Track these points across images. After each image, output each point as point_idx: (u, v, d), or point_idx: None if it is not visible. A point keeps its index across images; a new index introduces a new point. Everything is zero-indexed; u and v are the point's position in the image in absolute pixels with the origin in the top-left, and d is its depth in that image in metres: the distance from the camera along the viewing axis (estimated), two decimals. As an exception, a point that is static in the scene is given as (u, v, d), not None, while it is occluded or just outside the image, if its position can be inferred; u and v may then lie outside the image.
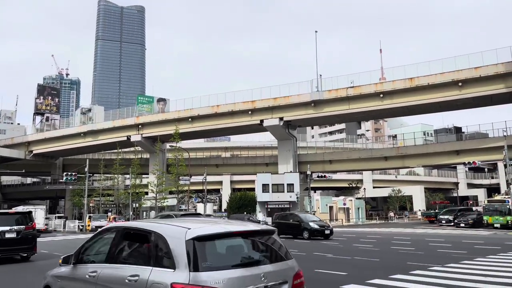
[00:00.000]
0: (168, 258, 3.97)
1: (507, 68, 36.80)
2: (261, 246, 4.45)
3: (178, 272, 3.78)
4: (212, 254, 4.01)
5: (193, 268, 3.74)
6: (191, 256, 3.81)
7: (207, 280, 3.69)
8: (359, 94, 43.66)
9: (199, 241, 3.93)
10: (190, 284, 3.66)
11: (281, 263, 4.35)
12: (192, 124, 51.70)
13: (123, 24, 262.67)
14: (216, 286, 3.68)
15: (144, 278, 4.00)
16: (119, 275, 4.34)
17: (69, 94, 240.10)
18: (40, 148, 61.99)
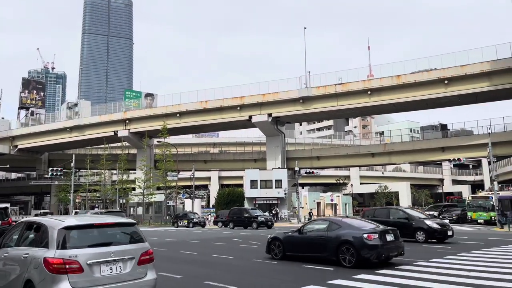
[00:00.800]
0: (47, 241, 5.88)
1: (492, 66, 37.40)
2: (116, 233, 6.51)
3: (50, 250, 5.73)
4: (75, 238, 5.92)
5: (60, 247, 5.71)
6: (60, 239, 5.78)
7: (67, 254, 5.65)
8: (347, 91, 43.95)
9: (67, 230, 5.91)
10: (55, 257, 5.61)
11: (131, 245, 6.31)
12: (180, 119, 51.46)
13: (110, 18, 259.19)
14: (72, 259, 5.63)
15: (31, 255, 5.92)
16: (19, 254, 6.24)
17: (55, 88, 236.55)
18: (25, 143, 61.06)
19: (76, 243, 5.85)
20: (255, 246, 17.66)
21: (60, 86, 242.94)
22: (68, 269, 5.56)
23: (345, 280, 9.08)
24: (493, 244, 16.77)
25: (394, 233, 11.57)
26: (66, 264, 5.56)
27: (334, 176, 73.51)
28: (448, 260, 12.14)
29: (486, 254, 13.60)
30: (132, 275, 6.06)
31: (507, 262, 11.76)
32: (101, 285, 5.74)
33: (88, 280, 5.66)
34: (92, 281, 5.68)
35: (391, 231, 11.60)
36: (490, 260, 12.21)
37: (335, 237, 11.28)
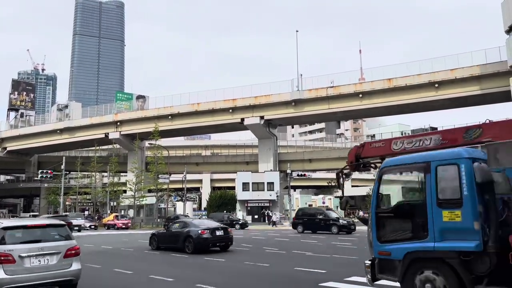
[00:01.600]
0: None
1: (481, 70, 37.84)
2: (47, 232, 8.00)
3: None
4: (11, 236, 7.47)
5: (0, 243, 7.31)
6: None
7: (3, 249, 7.18)
8: (338, 94, 44.16)
9: (5, 230, 7.48)
10: None
11: (58, 242, 7.89)
12: (172, 121, 51.26)
13: (101, 20, 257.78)
14: (7, 252, 7.15)
15: None
16: None
17: (45, 90, 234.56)
18: (14, 145, 60.34)
19: (12, 240, 7.41)
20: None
21: (51, 87, 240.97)
22: (3, 260, 7.15)
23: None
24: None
25: (224, 230, 16.48)
26: (1, 256, 7.16)
27: (326, 179, 73.54)
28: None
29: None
30: (58, 266, 7.68)
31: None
32: (30, 273, 7.32)
33: (19, 269, 7.23)
34: (22, 270, 7.26)
35: (221, 228, 16.57)
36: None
37: (183, 233, 16.25)
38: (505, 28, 32.23)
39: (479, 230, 5.69)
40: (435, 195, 6.13)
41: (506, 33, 32.48)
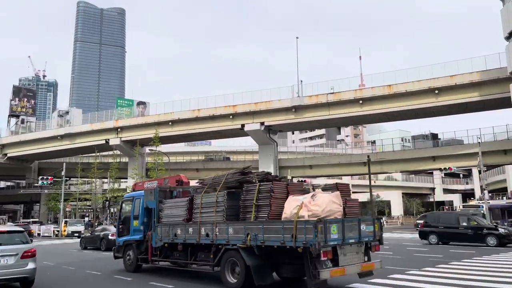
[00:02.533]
0: None
1: (481, 76, 37.89)
2: (6, 238, 9.84)
3: None
4: None
5: None
6: None
7: None
8: (339, 100, 44.19)
9: None
10: None
11: (16, 246, 9.73)
12: (173, 128, 51.30)
13: (102, 26, 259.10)
14: None
15: None
16: None
17: (46, 96, 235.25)
18: (15, 151, 60.35)
19: None
20: None
21: (51, 94, 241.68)
22: None
23: None
24: (484, 253, 16.84)
25: None
26: None
27: (326, 185, 73.53)
28: (439, 269, 12.16)
29: (477, 263, 13.65)
30: (15, 265, 9.54)
31: (499, 271, 11.80)
32: None
33: None
34: None
35: None
36: (481, 269, 12.25)
37: (101, 236, 23.13)
38: (505, 35, 32.33)
39: (142, 230, 13.22)
40: (133, 213, 13.84)
41: (506, 40, 32.57)
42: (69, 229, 38.74)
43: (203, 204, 10.78)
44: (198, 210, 10.85)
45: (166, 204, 12.36)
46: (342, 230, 8.63)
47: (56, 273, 13.52)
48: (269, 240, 8.89)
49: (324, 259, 8.25)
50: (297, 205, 8.86)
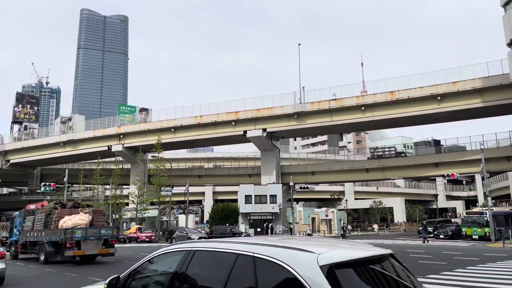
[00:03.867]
0: None
1: (483, 83, 37.88)
2: None
3: None
4: None
5: None
6: None
7: None
8: (341, 107, 44.22)
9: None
10: None
11: None
12: (175, 134, 51.37)
13: (105, 34, 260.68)
14: None
15: None
16: None
17: (49, 103, 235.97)
18: (18, 157, 60.51)
19: None
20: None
21: (54, 100, 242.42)
22: None
23: None
24: (488, 260, 16.72)
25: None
26: None
27: (329, 192, 73.35)
28: (444, 276, 12.08)
29: (481, 270, 13.55)
30: None
31: (504, 278, 11.71)
32: None
33: None
34: None
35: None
36: (486, 276, 12.16)
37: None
38: (507, 41, 32.35)
39: (17, 234, 22.82)
40: (14, 223, 24.65)
41: (508, 46, 32.59)
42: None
43: (37, 220, 20.47)
44: (36, 223, 20.45)
45: (26, 219, 21.96)
46: (85, 232, 18.14)
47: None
48: (54, 238, 18.30)
49: (69, 246, 17.68)
50: (65, 221, 18.46)
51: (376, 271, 3.25)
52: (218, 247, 3.57)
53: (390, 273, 3.31)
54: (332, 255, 2.99)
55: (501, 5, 33.50)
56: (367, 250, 3.39)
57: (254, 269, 3.08)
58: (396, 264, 3.49)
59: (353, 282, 2.94)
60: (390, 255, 3.52)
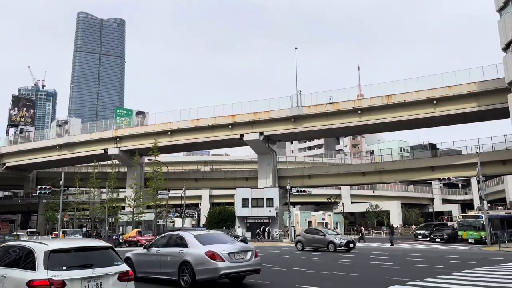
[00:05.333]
0: None
1: (479, 87, 38.13)
2: None
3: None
4: None
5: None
6: None
7: None
8: (337, 110, 44.37)
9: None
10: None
11: None
12: (172, 137, 51.33)
13: (102, 37, 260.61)
14: None
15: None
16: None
17: (45, 106, 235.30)
18: (13, 160, 60.23)
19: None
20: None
21: (51, 103, 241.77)
22: None
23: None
24: (484, 264, 16.79)
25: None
26: None
27: (326, 195, 73.42)
28: (441, 280, 12.12)
29: (478, 274, 13.61)
30: None
31: (501, 281, 11.76)
32: None
33: None
34: None
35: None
36: (483, 279, 12.21)
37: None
38: (502, 46, 32.64)
39: None
40: None
41: (503, 51, 32.87)
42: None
43: None
44: None
45: None
46: None
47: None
48: None
49: None
50: None
51: (75, 255, 6.70)
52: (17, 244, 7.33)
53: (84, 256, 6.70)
54: (52, 246, 6.57)
55: (496, 10, 33.84)
56: (72, 244, 6.94)
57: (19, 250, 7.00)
58: (105, 252, 6.96)
59: (59, 259, 6.39)
60: (109, 248, 7.09)
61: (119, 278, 6.65)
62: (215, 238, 11.38)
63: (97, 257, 6.73)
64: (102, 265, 6.59)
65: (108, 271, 6.56)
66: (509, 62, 32.21)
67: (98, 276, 6.43)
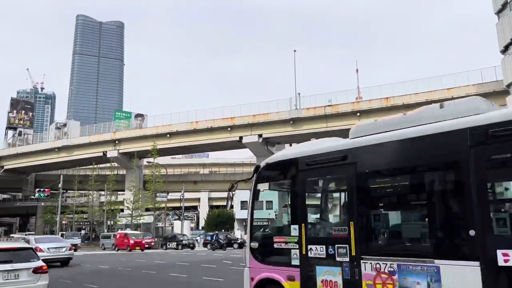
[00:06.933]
0: None
1: (477, 90, 38.14)
2: None
3: None
4: None
5: None
6: None
7: None
8: (336, 113, 44.39)
9: None
10: None
11: None
12: (170, 140, 51.28)
13: (101, 39, 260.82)
14: None
15: None
16: None
17: (44, 109, 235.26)
18: (12, 163, 60.09)
19: None
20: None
21: (49, 106, 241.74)
22: None
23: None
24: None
25: None
26: None
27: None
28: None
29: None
30: None
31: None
32: None
33: None
34: None
35: None
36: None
37: None
38: (500, 48, 32.71)
39: None
40: None
41: (502, 53, 32.94)
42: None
43: None
44: None
45: None
46: None
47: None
48: None
49: None
50: None
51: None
52: None
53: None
54: None
55: (495, 13, 33.91)
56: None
57: None
58: (25, 251, 8.85)
59: None
60: (29, 249, 9.15)
61: (34, 271, 8.35)
62: (48, 239, 20.61)
63: (17, 256, 8.50)
64: (19, 262, 8.29)
65: (23, 266, 8.24)
66: (508, 65, 32.28)
67: (15, 270, 8.12)
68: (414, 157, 4.97)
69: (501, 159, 4.34)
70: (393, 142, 5.12)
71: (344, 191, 5.83)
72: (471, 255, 4.11)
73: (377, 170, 5.35)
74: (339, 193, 6.18)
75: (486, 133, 4.26)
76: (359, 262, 5.00)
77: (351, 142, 5.80)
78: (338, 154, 5.63)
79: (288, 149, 7.84)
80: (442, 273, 4.29)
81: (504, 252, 3.90)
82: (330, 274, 5.32)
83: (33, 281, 8.38)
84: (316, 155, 5.93)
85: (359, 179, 5.32)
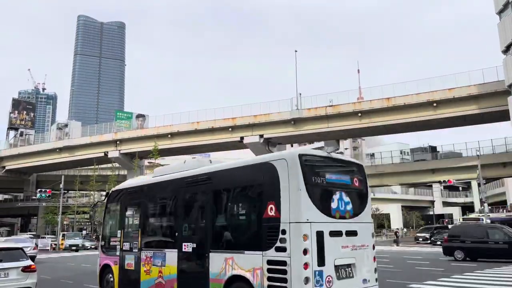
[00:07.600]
0: None
1: (479, 90, 38.11)
2: None
3: None
4: None
5: None
6: None
7: None
8: (338, 113, 44.33)
9: None
10: None
11: None
12: (172, 140, 51.31)
13: (102, 40, 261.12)
14: None
15: None
16: None
17: (45, 109, 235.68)
18: (13, 163, 60.17)
19: None
20: None
21: (51, 106, 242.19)
22: None
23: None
24: (485, 266, 16.71)
25: None
26: None
27: (326, 198, 73.27)
28: (441, 282, 12.06)
29: (479, 276, 13.53)
30: None
31: (502, 284, 11.70)
32: None
33: None
34: None
35: None
36: (484, 281, 12.14)
37: None
38: (502, 48, 32.67)
39: None
40: None
41: (503, 53, 32.90)
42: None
43: None
44: None
45: None
46: None
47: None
48: None
49: None
50: None
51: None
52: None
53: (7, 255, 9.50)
54: None
55: (496, 13, 33.88)
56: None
57: None
58: (14, 252, 9.28)
59: None
60: (19, 249, 9.50)
61: (23, 270, 8.88)
62: (15, 240, 23.23)
63: (7, 255, 8.97)
64: (9, 261, 8.80)
65: (13, 265, 8.79)
66: (509, 65, 32.22)
67: (5, 268, 8.66)
68: (169, 192, 9.11)
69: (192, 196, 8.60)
70: (160, 183, 9.42)
71: (140, 210, 9.78)
72: (174, 246, 8.32)
73: (153, 196, 9.62)
74: (139, 211, 9.87)
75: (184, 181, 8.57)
76: (141, 251, 9.21)
77: (150, 179, 10.11)
78: (141, 187, 10.05)
79: (127, 181, 11.75)
80: (166, 256, 8.45)
81: (185, 244, 8.05)
82: (130, 259, 9.48)
83: (22, 279, 8.87)
84: (134, 186, 10.32)
85: (148, 202, 9.64)
